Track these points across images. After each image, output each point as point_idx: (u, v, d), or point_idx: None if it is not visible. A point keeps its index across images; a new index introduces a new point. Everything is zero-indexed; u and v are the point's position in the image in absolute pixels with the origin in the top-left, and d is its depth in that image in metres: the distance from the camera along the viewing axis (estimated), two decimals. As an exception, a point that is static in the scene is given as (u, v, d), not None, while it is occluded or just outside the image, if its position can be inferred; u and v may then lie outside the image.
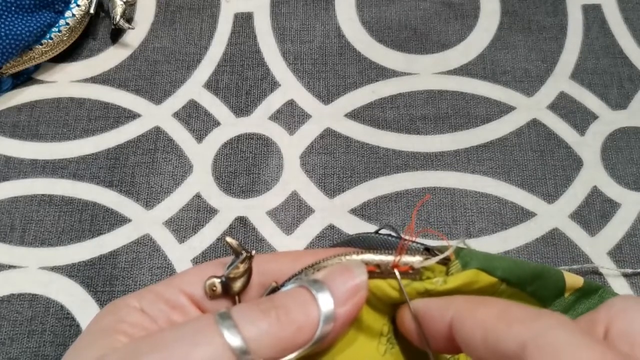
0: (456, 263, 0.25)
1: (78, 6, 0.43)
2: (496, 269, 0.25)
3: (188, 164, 0.40)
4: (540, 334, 0.20)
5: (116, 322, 0.23)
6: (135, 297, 0.24)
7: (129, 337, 0.23)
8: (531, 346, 0.19)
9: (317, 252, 0.27)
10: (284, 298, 0.23)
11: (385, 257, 0.25)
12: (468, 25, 0.45)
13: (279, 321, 0.22)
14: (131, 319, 0.23)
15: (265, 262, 0.25)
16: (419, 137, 0.41)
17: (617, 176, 0.40)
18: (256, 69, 0.43)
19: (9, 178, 0.40)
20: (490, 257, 0.26)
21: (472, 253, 0.26)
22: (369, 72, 0.43)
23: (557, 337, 0.19)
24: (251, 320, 0.22)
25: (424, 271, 0.25)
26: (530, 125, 0.41)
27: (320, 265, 0.25)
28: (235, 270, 0.24)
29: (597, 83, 0.43)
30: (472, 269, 0.25)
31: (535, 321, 0.20)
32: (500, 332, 0.21)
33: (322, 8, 0.46)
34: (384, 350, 0.25)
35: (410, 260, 0.25)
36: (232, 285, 0.25)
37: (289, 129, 0.41)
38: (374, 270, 0.25)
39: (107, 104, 0.42)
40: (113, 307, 0.25)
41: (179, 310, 0.24)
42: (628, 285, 0.37)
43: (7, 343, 0.36)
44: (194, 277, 0.25)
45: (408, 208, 0.39)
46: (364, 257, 0.25)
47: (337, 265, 0.24)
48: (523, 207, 0.39)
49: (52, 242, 0.38)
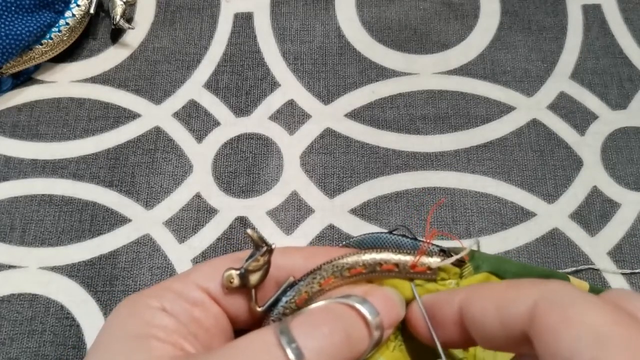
0: (469, 266, 0.26)
1: (78, 6, 0.43)
2: (506, 272, 0.26)
3: (188, 164, 0.40)
4: (550, 292, 0.20)
5: (144, 326, 0.23)
6: (155, 296, 0.24)
7: (162, 342, 0.22)
8: (542, 304, 0.19)
9: (329, 249, 0.27)
10: (338, 317, 0.23)
11: (403, 256, 0.25)
12: (468, 25, 0.45)
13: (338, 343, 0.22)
14: (158, 322, 0.23)
15: (277, 256, 0.25)
16: (419, 137, 0.41)
17: (617, 176, 0.40)
18: (256, 69, 0.43)
19: (9, 178, 0.40)
20: (501, 260, 0.26)
21: (484, 256, 0.26)
22: (369, 72, 0.43)
23: (568, 294, 0.19)
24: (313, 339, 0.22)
25: (439, 272, 0.25)
26: (530, 125, 0.41)
27: (340, 262, 0.25)
28: (255, 263, 0.25)
29: (597, 83, 0.43)
30: (483, 272, 0.26)
31: (545, 284, 0.20)
32: (510, 298, 0.21)
33: (322, 8, 0.46)
34: (393, 347, 0.26)
35: (428, 261, 0.25)
36: (250, 278, 0.25)
37: (289, 129, 0.41)
38: (392, 269, 0.25)
39: (107, 104, 0.42)
40: (133, 307, 0.24)
41: (200, 307, 0.24)
42: (628, 285, 0.37)
43: (7, 343, 0.36)
44: (208, 272, 0.25)
45: (408, 208, 0.39)
46: (382, 256, 0.25)
47: (380, 292, 0.25)
48: (523, 207, 0.39)
49: (52, 242, 0.38)
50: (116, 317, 0.24)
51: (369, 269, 0.25)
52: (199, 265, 0.27)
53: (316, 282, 0.25)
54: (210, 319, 0.25)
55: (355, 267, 0.25)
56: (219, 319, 0.25)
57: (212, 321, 0.25)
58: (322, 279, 0.25)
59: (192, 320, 0.24)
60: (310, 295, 0.25)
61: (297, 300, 0.25)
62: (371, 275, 0.26)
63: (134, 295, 0.25)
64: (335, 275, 0.25)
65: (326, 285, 0.25)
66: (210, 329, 0.25)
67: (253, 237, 0.24)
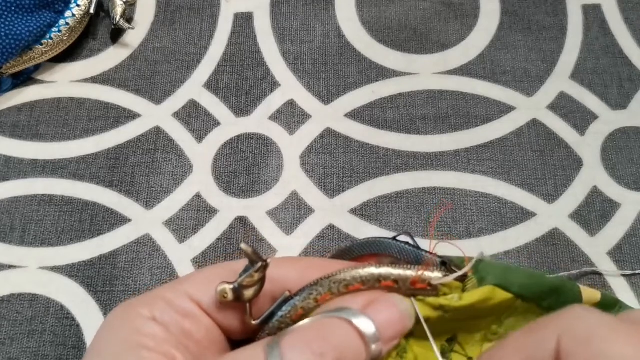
0: (472, 279, 0.25)
1: (78, 6, 0.43)
2: (512, 284, 0.25)
3: (188, 164, 0.40)
4: (570, 328, 0.19)
5: (134, 333, 0.23)
6: (146, 305, 0.24)
7: (152, 351, 0.22)
8: (565, 343, 0.19)
9: (326, 262, 0.26)
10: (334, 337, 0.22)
11: (403, 271, 0.25)
12: (468, 25, 0.45)
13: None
14: (148, 330, 0.23)
15: (272, 268, 0.25)
16: (419, 137, 0.41)
17: (617, 176, 0.40)
18: (256, 69, 0.43)
19: (9, 178, 0.40)
20: (507, 270, 0.25)
21: (489, 267, 0.25)
22: (369, 72, 0.43)
23: (588, 327, 0.19)
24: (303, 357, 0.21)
25: (440, 287, 0.25)
26: (530, 125, 0.41)
27: (337, 278, 0.25)
28: (249, 279, 0.24)
29: (597, 83, 0.43)
30: (488, 284, 0.25)
31: (563, 318, 0.20)
32: (532, 347, 0.20)
33: (322, 8, 0.46)
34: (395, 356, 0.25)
35: (428, 276, 0.24)
36: (244, 293, 0.24)
37: (289, 129, 0.41)
38: (391, 286, 0.25)
39: (107, 104, 0.42)
40: (126, 314, 0.24)
41: (190, 319, 0.24)
42: (628, 285, 0.37)
43: (7, 343, 0.36)
44: (200, 283, 0.25)
45: (408, 208, 0.39)
46: (381, 272, 0.25)
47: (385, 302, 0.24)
48: (523, 207, 0.39)
49: (52, 242, 0.38)
50: (109, 325, 0.24)
51: (368, 285, 0.25)
52: (193, 274, 0.26)
53: (312, 298, 0.25)
54: (201, 331, 0.25)
55: (352, 283, 0.25)
56: (210, 331, 0.25)
57: (203, 333, 0.25)
58: (318, 295, 0.25)
59: (182, 332, 0.24)
60: (306, 312, 0.25)
61: (293, 316, 0.25)
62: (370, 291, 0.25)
63: (127, 302, 0.25)
64: (332, 292, 0.25)
65: (323, 302, 0.25)
66: (201, 341, 0.24)
67: (247, 252, 0.24)
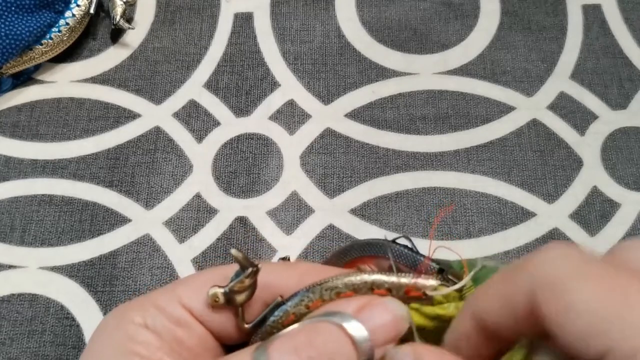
0: (471, 287, 0.24)
1: (78, 6, 0.43)
2: None
3: (188, 164, 0.40)
4: (543, 270, 0.19)
5: (127, 340, 0.23)
6: (138, 311, 0.24)
7: (145, 359, 0.22)
8: (536, 286, 0.19)
9: (319, 268, 0.26)
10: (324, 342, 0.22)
11: (397, 279, 0.24)
12: (468, 25, 0.45)
13: None
14: (140, 337, 0.23)
15: (265, 274, 0.25)
16: (419, 137, 0.41)
17: (617, 176, 0.40)
18: (256, 69, 0.43)
19: (9, 178, 0.40)
20: None
21: (488, 274, 0.24)
22: (369, 72, 0.43)
23: (559, 270, 0.19)
24: None
25: (436, 297, 0.24)
26: (530, 125, 0.41)
27: (329, 285, 0.24)
28: (240, 285, 0.24)
29: (597, 83, 0.43)
30: None
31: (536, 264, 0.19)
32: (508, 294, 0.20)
33: (322, 8, 0.46)
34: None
35: (423, 285, 0.24)
36: (235, 298, 0.24)
37: (289, 129, 0.41)
38: (384, 295, 0.24)
39: (107, 104, 0.42)
40: (120, 319, 0.24)
41: (182, 327, 0.24)
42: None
43: (7, 343, 0.36)
44: (193, 289, 0.25)
45: (408, 208, 0.39)
46: (374, 279, 0.24)
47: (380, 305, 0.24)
48: (523, 207, 0.39)
49: (52, 242, 0.38)
50: (103, 331, 0.24)
51: (360, 293, 0.24)
52: (186, 278, 0.26)
53: (304, 304, 0.24)
54: (193, 339, 0.25)
55: (344, 290, 0.24)
56: (203, 338, 0.25)
57: (196, 341, 0.25)
58: (310, 301, 0.24)
59: (175, 340, 0.24)
60: (298, 317, 0.25)
61: (285, 322, 0.25)
62: None
63: (121, 307, 0.25)
64: (324, 299, 0.24)
65: (314, 308, 0.25)
66: (193, 348, 0.24)
67: (238, 258, 0.23)
